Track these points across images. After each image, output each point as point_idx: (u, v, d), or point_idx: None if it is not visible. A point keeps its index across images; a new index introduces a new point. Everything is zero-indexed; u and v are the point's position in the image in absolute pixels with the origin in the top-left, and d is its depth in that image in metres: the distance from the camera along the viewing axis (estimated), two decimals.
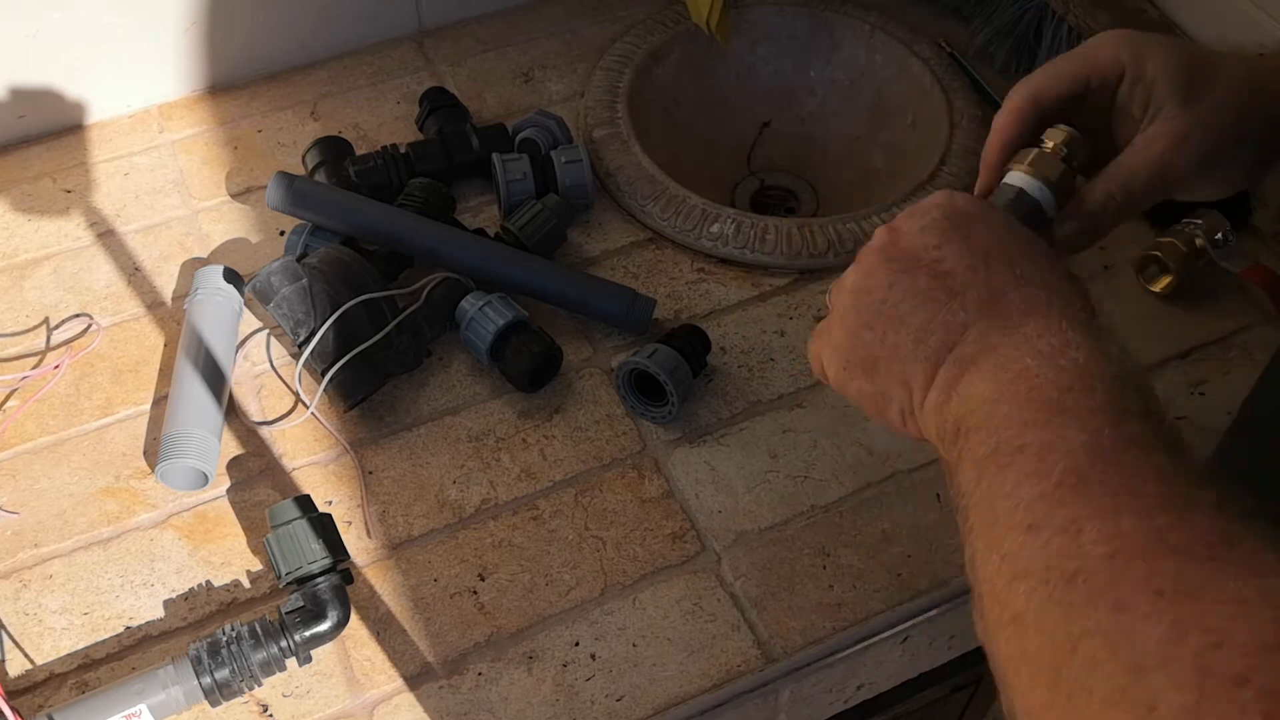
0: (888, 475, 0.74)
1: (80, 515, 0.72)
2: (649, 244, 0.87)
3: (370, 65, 0.99)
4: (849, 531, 0.72)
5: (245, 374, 0.79)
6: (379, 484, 0.74)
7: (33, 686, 0.65)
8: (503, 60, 0.99)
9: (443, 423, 0.77)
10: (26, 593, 0.69)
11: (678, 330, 0.78)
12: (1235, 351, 0.81)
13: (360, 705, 0.65)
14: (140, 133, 0.93)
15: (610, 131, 0.91)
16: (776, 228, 0.85)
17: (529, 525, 0.72)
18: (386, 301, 0.77)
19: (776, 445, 0.76)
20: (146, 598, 0.69)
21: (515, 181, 0.85)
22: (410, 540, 0.71)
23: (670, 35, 0.98)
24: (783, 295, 0.84)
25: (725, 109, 1.02)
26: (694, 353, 0.77)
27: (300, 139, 0.92)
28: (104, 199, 0.89)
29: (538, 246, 0.82)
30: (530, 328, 0.77)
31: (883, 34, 0.99)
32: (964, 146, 0.90)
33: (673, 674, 0.66)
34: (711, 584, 0.70)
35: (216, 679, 0.62)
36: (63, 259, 0.85)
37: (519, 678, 0.66)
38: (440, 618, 0.68)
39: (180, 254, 0.86)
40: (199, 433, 0.72)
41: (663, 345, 0.76)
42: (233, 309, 0.79)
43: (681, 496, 0.73)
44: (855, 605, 0.69)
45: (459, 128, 0.89)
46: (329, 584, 0.65)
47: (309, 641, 0.64)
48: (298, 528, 0.66)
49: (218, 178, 0.90)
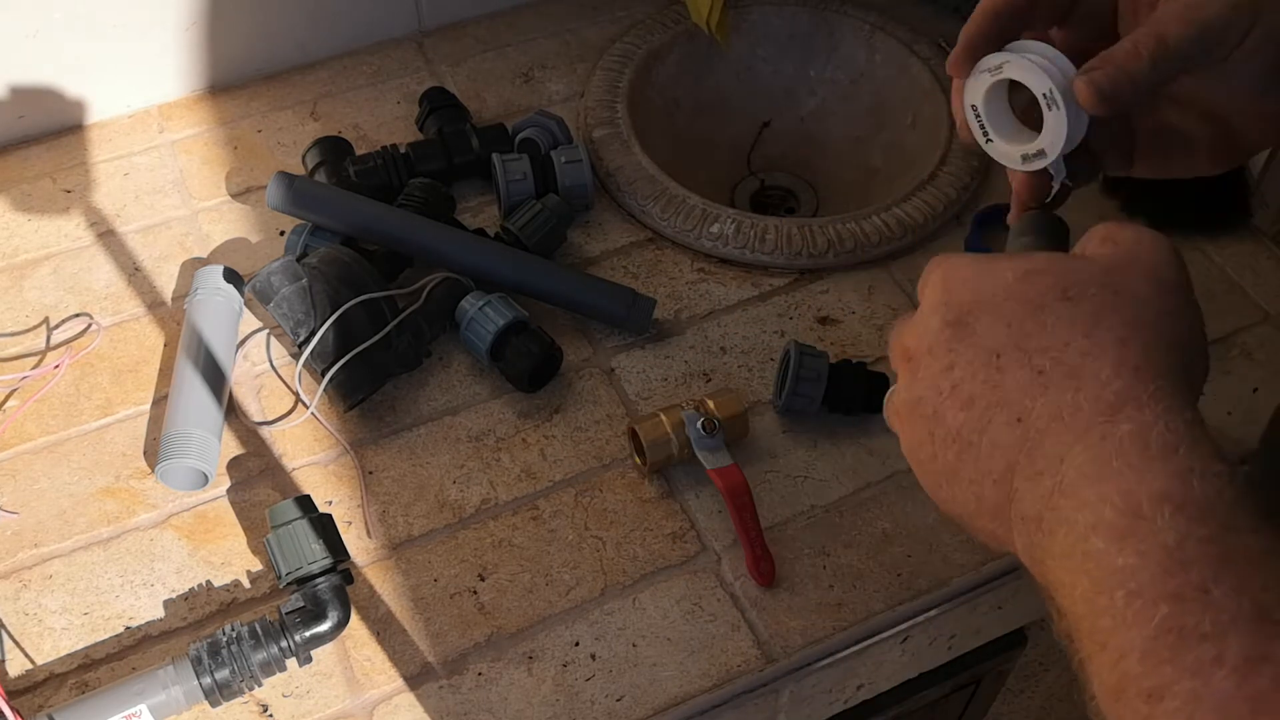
0: (888, 475, 0.74)
1: (80, 515, 0.72)
2: (649, 244, 0.87)
3: (370, 65, 0.99)
4: (849, 531, 0.72)
5: (245, 374, 0.79)
6: (379, 484, 0.74)
7: (33, 686, 0.65)
8: (503, 60, 0.99)
9: (443, 423, 0.77)
10: (26, 593, 0.69)
11: (865, 374, 0.76)
12: (1236, 351, 0.81)
13: (360, 705, 0.65)
14: (140, 133, 0.93)
15: (610, 131, 0.91)
16: (776, 228, 0.85)
17: (529, 525, 0.72)
18: (386, 301, 0.77)
19: (776, 445, 0.76)
20: (146, 598, 0.69)
21: (515, 181, 0.85)
22: (410, 540, 0.71)
23: (670, 35, 0.98)
24: (783, 295, 0.84)
25: (725, 109, 1.02)
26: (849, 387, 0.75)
27: (300, 139, 0.92)
28: (104, 199, 0.89)
29: (538, 246, 0.82)
30: (530, 328, 0.77)
31: (883, 34, 0.99)
32: (964, 146, 0.90)
33: (673, 674, 0.66)
34: (711, 584, 0.70)
35: (216, 679, 0.62)
36: (63, 259, 0.85)
37: (519, 678, 0.66)
38: (440, 618, 0.68)
39: (180, 254, 0.86)
40: (199, 433, 0.72)
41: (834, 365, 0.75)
42: (233, 309, 0.79)
43: (681, 496, 0.73)
44: (855, 605, 0.69)
45: (459, 128, 0.89)
46: (329, 584, 0.65)
47: (309, 642, 0.64)
48: (298, 528, 0.66)
49: (218, 178, 0.90)
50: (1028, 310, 0.38)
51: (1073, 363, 0.36)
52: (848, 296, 0.84)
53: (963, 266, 0.41)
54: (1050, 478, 0.35)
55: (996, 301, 0.39)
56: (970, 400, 0.38)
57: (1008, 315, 0.38)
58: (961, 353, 0.39)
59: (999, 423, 0.37)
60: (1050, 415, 0.36)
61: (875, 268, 0.85)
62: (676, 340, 0.81)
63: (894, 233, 0.85)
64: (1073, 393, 0.35)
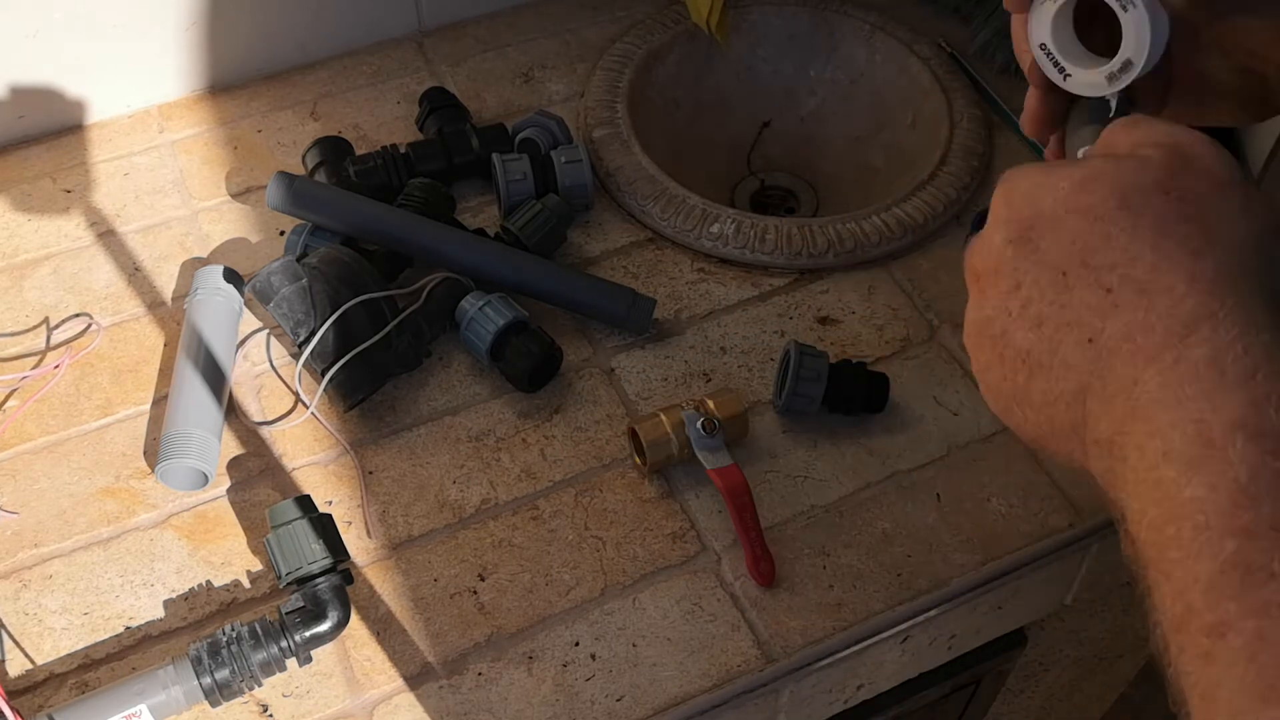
0: (888, 475, 0.74)
1: (80, 515, 0.72)
2: (649, 244, 0.87)
3: (370, 65, 0.99)
4: (849, 531, 0.72)
5: (245, 374, 0.79)
6: (379, 484, 0.74)
7: (33, 686, 0.65)
8: (503, 60, 0.99)
9: (443, 423, 0.77)
10: (26, 593, 0.69)
11: (865, 374, 0.76)
12: None
13: (360, 705, 0.65)
14: (140, 133, 0.93)
15: (610, 131, 0.91)
16: (776, 228, 0.85)
17: (529, 525, 0.72)
18: (386, 301, 0.77)
19: (776, 445, 0.76)
20: (146, 598, 0.69)
21: (515, 181, 0.85)
22: (410, 540, 0.71)
23: (670, 35, 0.98)
24: (783, 295, 0.84)
25: (725, 109, 1.02)
26: (849, 387, 0.75)
27: (300, 139, 0.92)
28: (104, 199, 0.89)
29: (538, 246, 0.82)
30: (530, 328, 0.77)
31: (883, 34, 0.99)
32: (964, 146, 0.90)
33: (672, 674, 0.66)
34: (711, 584, 0.70)
35: (216, 679, 0.62)
36: (63, 259, 0.85)
37: (519, 678, 0.66)
38: (440, 618, 0.68)
39: (180, 254, 0.86)
40: (199, 433, 0.72)
41: (834, 365, 0.75)
42: (233, 309, 0.79)
43: (681, 496, 0.73)
44: (855, 605, 0.69)
45: (459, 128, 0.89)
46: (329, 584, 0.65)
47: (309, 642, 0.64)
48: (298, 528, 0.66)
49: (218, 178, 0.90)
50: (1088, 222, 0.36)
51: (1142, 278, 0.34)
52: (848, 296, 0.84)
53: (1022, 179, 0.39)
54: (1123, 401, 0.34)
55: (1057, 216, 0.37)
56: (1039, 320, 0.37)
57: (1070, 230, 0.36)
58: (1027, 270, 0.37)
59: (1070, 343, 0.36)
60: (1121, 335, 0.34)
61: (875, 268, 0.85)
62: (676, 340, 0.81)
63: (894, 233, 0.85)
64: (1144, 311, 0.34)
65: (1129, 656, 1.06)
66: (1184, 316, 0.33)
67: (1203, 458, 0.31)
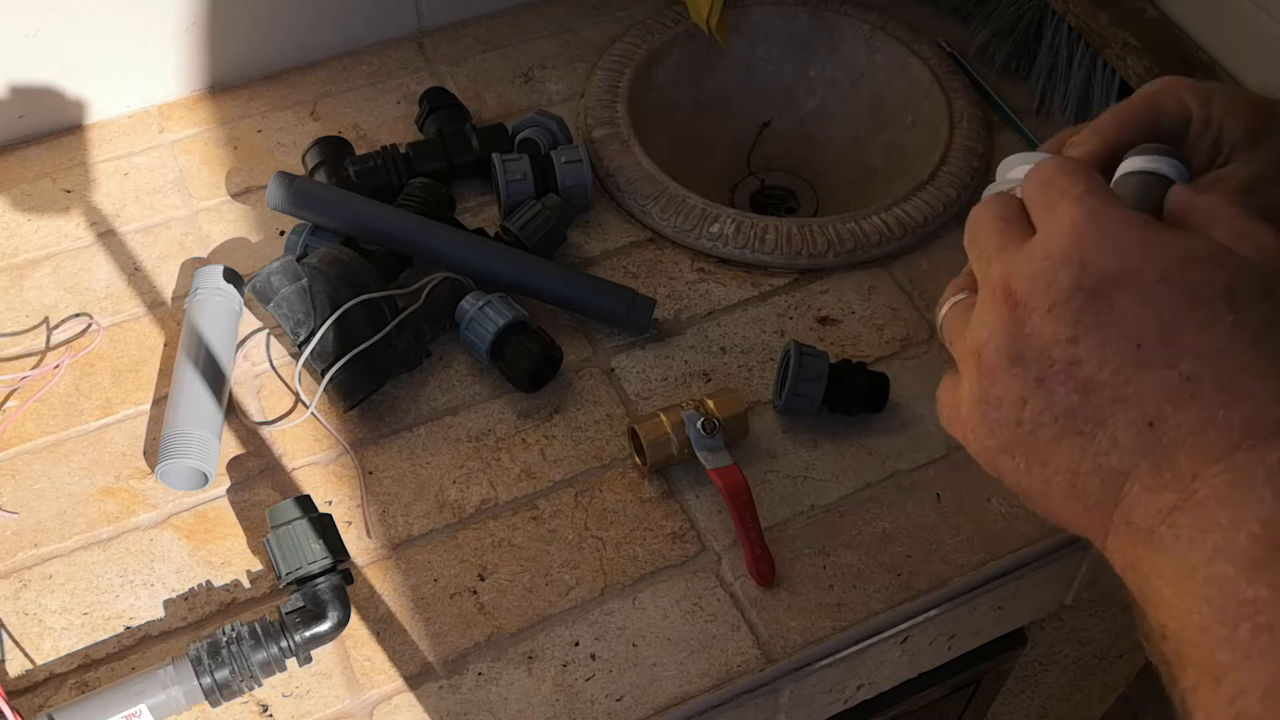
0: (888, 475, 0.74)
1: (80, 515, 0.72)
2: (649, 244, 0.87)
3: (370, 65, 0.99)
4: (849, 531, 0.72)
5: (245, 374, 0.79)
6: (379, 484, 0.74)
7: (33, 686, 0.65)
8: (503, 60, 0.99)
9: (443, 423, 0.77)
10: (26, 593, 0.69)
11: (864, 374, 0.76)
12: None
13: (360, 705, 0.65)
14: (140, 133, 0.93)
15: (610, 131, 0.91)
16: (776, 228, 0.85)
17: (529, 525, 0.72)
18: (386, 301, 0.77)
19: (776, 445, 0.76)
20: (146, 598, 0.69)
21: (515, 181, 0.85)
22: (410, 540, 0.71)
23: (670, 35, 0.98)
24: (783, 295, 0.84)
25: (725, 109, 1.02)
26: (849, 387, 0.75)
27: (300, 139, 0.92)
28: (104, 199, 0.89)
29: (538, 246, 0.82)
30: (530, 328, 0.77)
31: (883, 34, 0.99)
32: (964, 146, 0.90)
33: (673, 674, 0.66)
34: (711, 584, 0.70)
35: (216, 679, 0.62)
36: (63, 259, 0.85)
37: (519, 678, 0.66)
38: (440, 618, 0.68)
39: (180, 254, 0.86)
40: (199, 433, 0.72)
41: (834, 365, 0.75)
42: (233, 309, 0.80)
43: (681, 496, 0.73)
44: (855, 605, 0.69)
45: (459, 128, 0.89)
46: (329, 584, 0.65)
47: (309, 642, 0.64)
48: (298, 528, 0.66)
49: (218, 178, 0.90)
50: (1184, 302, 0.33)
51: (1228, 374, 0.32)
52: (848, 296, 0.84)
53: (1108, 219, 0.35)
54: (1175, 492, 0.32)
55: (1148, 283, 0.33)
56: (1088, 384, 0.34)
57: (1160, 302, 0.33)
58: (1092, 329, 0.34)
59: (1125, 422, 0.33)
60: (1191, 429, 0.32)
61: (875, 268, 0.85)
62: (676, 340, 0.81)
63: (894, 233, 0.85)
64: (1224, 410, 0.32)
65: (1129, 656, 1.06)
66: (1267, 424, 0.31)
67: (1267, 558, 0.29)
